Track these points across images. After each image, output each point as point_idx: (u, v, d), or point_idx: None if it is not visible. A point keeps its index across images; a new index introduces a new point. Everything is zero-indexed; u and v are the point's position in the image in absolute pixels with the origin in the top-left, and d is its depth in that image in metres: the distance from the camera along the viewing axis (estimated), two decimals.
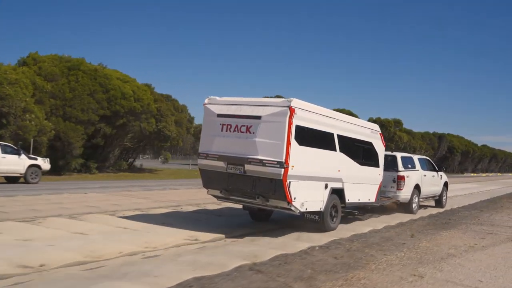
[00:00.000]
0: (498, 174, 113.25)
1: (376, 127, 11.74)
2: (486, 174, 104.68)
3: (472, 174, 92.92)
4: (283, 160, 7.82)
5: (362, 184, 10.57)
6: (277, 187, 7.95)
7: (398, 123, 73.43)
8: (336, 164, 9.48)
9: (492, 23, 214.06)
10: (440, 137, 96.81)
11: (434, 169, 15.68)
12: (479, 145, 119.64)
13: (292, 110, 7.94)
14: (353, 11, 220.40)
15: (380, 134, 11.76)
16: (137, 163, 40.96)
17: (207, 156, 8.77)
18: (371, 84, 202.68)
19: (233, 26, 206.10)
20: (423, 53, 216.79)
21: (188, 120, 41.99)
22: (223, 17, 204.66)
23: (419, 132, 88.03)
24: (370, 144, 11.11)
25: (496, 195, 25.23)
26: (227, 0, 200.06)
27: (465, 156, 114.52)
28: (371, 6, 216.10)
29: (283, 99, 8.33)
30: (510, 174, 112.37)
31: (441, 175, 16.09)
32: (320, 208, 9.00)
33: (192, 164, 47.77)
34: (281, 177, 7.82)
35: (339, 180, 9.59)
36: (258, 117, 8.17)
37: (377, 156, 11.45)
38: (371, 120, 59.46)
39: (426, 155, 17.18)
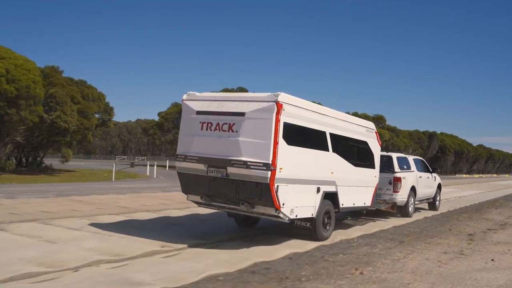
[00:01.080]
0: (494, 175, 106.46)
1: (371, 125, 11.11)
2: (480, 175, 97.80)
3: (464, 176, 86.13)
4: (270, 162, 7.12)
5: (357, 187, 9.94)
6: (264, 192, 7.25)
7: (380, 119, 67.00)
8: (328, 166, 8.80)
9: (486, 24, 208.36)
10: (431, 135, 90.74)
11: (428, 170, 15.07)
12: (475, 145, 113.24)
13: (279, 106, 7.22)
14: (346, 10, 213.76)
15: (375, 132, 11.16)
16: (50, 162, 34.20)
17: (185, 158, 8.02)
18: (368, 84, 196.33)
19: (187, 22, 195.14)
20: (419, 53, 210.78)
21: (106, 111, 34.99)
22: (171, 13, 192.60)
23: (407, 130, 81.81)
24: (365, 143, 10.51)
25: (463, 205, 18.30)
26: None
27: (459, 156, 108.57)
28: (357, 4, 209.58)
29: (269, 93, 7.48)
30: (506, 176, 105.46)
31: (435, 177, 15.57)
32: (312, 214, 8.33)
33: (122, 163, 40.76)
34: (268, 181, 7.12)
35: (332, 183, 8.95)
36: (242, 114, 7.44)
37: (373, 157, 10.83)
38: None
39: (414, 155, 16.81)
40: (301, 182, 7.92)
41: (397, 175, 12.48)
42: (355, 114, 57.30)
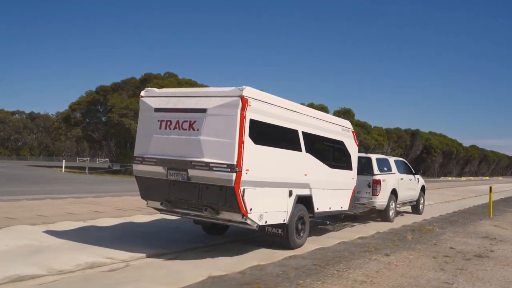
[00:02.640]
0: (485, 178, 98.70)
1: (347, 124, 10.61)
2: (469, 177, 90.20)
3: (449, 179, 78.68)
4: (235, 163, 6.63)
5: (333, 189, 9.47)
6: (228, 196, 6.76)
7: (347, 113, 59.29)
8: (301, 167, 8.28)
9: (486, 24, 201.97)
10: (414, 134, 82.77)
11: (410, 172, 14.68)
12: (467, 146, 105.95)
13: (244, 101, 6.76)
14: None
15: (352, 132, 10.64)
16: None
17: (143, 161, 7.56)
18: (338, 80, 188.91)
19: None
20: (422, 56, 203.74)
21: None
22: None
23: (386, 128, 74.13)
24: (341, 143, 10.00)
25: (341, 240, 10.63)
26: None
27: (448, 158, 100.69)
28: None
29: (233, 87, 6.98)
30: (500, 178, 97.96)
31: (418, 179, 15.12)
32: (284, 220, 7.77)
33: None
34: (233, 184, 6.61)
35: (306, 185, 8.42)
36: (203, 110, 6.98)
37: (350, 157, 10.35)
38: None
39: (394, 155, 14.92)
40: (270, 185, 7.37)
41: (377, 177, 12.10)
42: (311, 105, 49.57)
